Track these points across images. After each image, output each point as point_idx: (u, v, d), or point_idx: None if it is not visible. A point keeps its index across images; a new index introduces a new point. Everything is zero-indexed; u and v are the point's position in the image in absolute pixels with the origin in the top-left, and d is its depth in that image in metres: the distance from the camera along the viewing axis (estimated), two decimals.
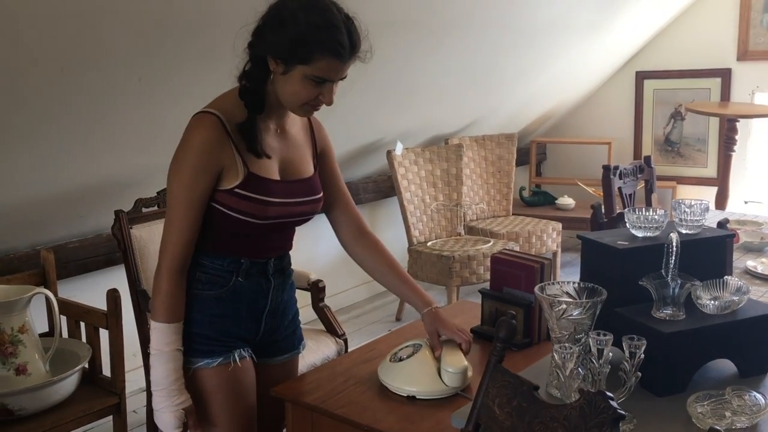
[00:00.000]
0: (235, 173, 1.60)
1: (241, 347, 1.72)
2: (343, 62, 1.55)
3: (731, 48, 5.02)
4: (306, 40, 1.51)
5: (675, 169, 5.39)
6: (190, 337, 1.66)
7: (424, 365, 1.72)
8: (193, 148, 1.57)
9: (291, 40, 1.51)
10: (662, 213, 1.78)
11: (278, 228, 1.71)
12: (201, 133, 1.57)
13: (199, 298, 1.67)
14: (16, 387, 2.05)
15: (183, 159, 1.58)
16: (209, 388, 1.68)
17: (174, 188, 1.59)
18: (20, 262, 2.75)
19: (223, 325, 1.69)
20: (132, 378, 2.81)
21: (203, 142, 1.56)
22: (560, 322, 1.50)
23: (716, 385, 1.54)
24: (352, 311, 4.36)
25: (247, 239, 1.68)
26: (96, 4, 2.05)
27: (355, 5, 1.62)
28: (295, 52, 1.52)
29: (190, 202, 1.58)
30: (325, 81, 1.56)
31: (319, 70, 1.54)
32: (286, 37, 1.52)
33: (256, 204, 1.62)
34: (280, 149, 1.69)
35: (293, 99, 1.59)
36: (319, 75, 1.54)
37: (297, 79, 1.55)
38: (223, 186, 1.60)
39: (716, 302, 1.64)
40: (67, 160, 2.55)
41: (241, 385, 1.72)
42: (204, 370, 1.67)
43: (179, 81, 2.53)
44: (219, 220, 1.63)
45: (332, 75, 1.56)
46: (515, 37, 4.00)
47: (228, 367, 1.69)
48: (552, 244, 4.50)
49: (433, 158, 4.31)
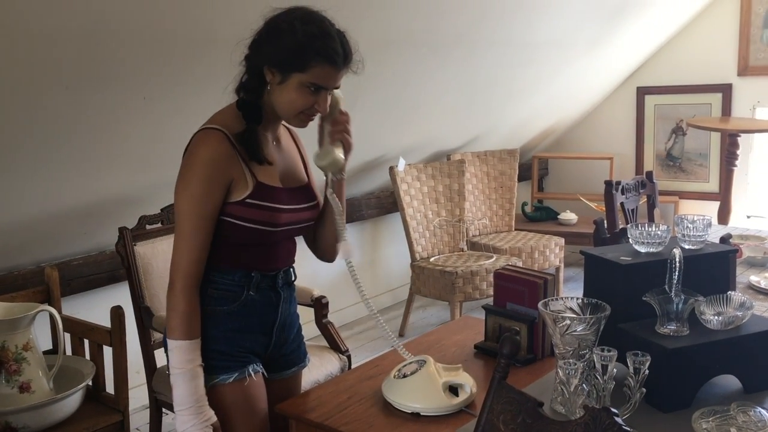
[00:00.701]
0: (245, 184, 1.63)
1: (255, 361, 1.74)
2: (337, 69, 1.60)
3: (732, 63, 5.04)
4: (303, 47, 1.55)
5: (677, 184, 5.39)
6: (206, 353, 1.66)
7: (428, 382, 1.72)
8: (203, 163, 1.58)
9: (288, 49, 1.56)
10: (665, 228, 1.79)
11: (287, 237, 1.75)
12: (209, 148, 1.59)
13: (212, 314, 1.68)
14: (19, 405, 2.05)
15: (192, 174, 1.59)
16: (226, 403, 1.68)
17: (183, 205, 1.59)
18: (24, 279, 2.75)
19: (238, 339, 1.70)
20: (135, 395, 2.80)
21: (212, 157, 1.58)
22: (564, 337, 1.50)
23: (721, 401, 1.54)
24: (355, 327, 4.35)
25: (256, 251, 1.69)
26: (101, 23, 2.07)
27: (358, 23, 1.65)
28: (292, 60, 1.57)
29: (202, 218, 1.59)
30: (320, 89, 1.60)
31: (315, 77, 1.58)
32: (283, 46, 1.57)
33: (269, 212, 1.65)
34: (279, 159, 1.73)
35: (289, 108, 1.62)
36: (315, 82, 1.58)
37: (293, 88, 1.59)
38: (234, 198, 1.62)
39: (720, 317, 1.64)
40: (71, 177, 2.57)
41: (256, 400, 1.72)
42: (221, 387, 1.67)
43: (183, 100, 2.55)
44: (230, 233, 1.64)
45: (327, 82, 1.60)
46: (517, 53, 4.03)
47: (244, 381, 1.69)
48: (555, 259, 4.50)
49: (435, 174, 4.32)
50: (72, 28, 2.02)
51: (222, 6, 1.64)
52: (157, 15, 2.18)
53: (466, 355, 2.06)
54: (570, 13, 3.97)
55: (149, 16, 2.16)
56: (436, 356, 1.92)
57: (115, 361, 2.28)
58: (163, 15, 2.20)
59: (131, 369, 2.37)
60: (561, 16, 3.95)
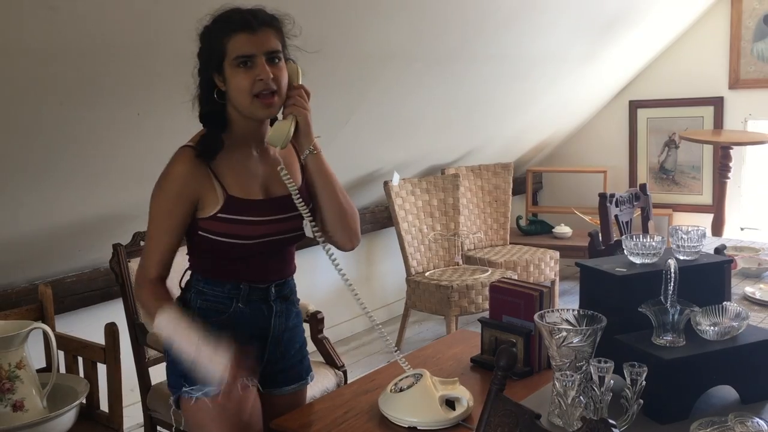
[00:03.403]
0: (215, 199, 1.63)
1: (244, 375, 1.71)
2: (252, 32, 1.57)
3: (723, 77, 5.08)
4: (215, 34, 1.59)
5: (671, 197, 5.41)
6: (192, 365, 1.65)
7: (425, 395, 1.71)
8: (172, 179, 1.63)
9: (208, 46, 1.61)
10: (660, 240, 1.79)
11: (272, 249, 1.72)
12: (178, 166, 1.63)
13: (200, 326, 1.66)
14: (12, 423, 2.03)
15: (162, 188, 1.64)
16: (212, 416, 1.66)
17: (153, 214, 1.66)
18: (18, 296, 2.74)
19: None
20: (130, 413, 2.78)
21: (180, 174, 1.62)
22: (561, 349, 1.49)
23: (718, 412, 1.54)
24: (351, 342, 4.33)
25: (243, 263, 1.69)
26: (95, 40, 2.08)
27: (353, 38, 1.65)
28: (214, 50, 1.59)
29: (163, 229, 1.64)
30: (249, 58, 1.57)
31: (236, 49, 1.57)
32: (205, 46, 1.62)
33: (240, 225, 1.64)
34: (263, 170, 1.71)
35: (241, 96, 1.60)
36: (238, 54, 1.57)
37: (231, 75, 1.59)
38: (204, 214, 1.64)
39: (716, 328, 1.64)
40: (65, 194, 2.56)
41: (245, 414, 1.70)
42: (206, 399, 1.66)
43: (177, 115, 2.54)
44: (210, 248, 1.66)
45: (249, 49, 1.56)
46: (510, 68, 4.05)
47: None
48: (550, 272, 4.50)
49: (430, 188, 4.33)
50: (66, 45, 2.02)
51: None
52: (151, 31, 2.19)
53: (462, 368, 2.05)
54: (563, 27, 4.00)
55: (143, 32, 2.17)
56: (433, 370, 1.91)
57: (110, 379, 2.26)
58: (157, 31, 2.20)
59: (125, 387, 2.35)
60: (554, 31, 3.98)
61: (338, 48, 2.81)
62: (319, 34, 1.67)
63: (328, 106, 3.11)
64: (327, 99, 3.00)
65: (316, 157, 1.70)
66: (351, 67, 3.03)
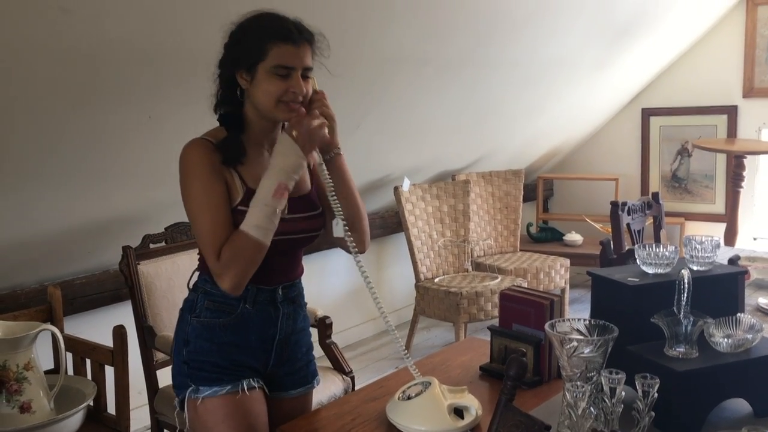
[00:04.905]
0: (236, 190, 1.63)
1: (251, 377, 1.71)
2: (295, 45, 1.60)
3: (737, 85, 5.04)
4: (257, 36, 1.59)
5: (683, 206, 5.38)
6: (199, 365, 1.66)
7: (433, 403, 1.69)
8: (197, 161, 1.61)
9: (246, 44, 1.60)
10: (673, 249, 1.77)
11: (283, 249, 1.71)
12: (198, 149, 1.62)
13: (207, 326, 1.68)
14: (20, 425, 2.03)
15: (191, 173, 1.61)
16: (218, 417, 1.66)
17: (193, 202, 1.61)
18: (27, 298, 2.74)
19: (232, 353, 1.69)
20: (137, 416, 2.78)
21: (203, 154, 1.62)
22: (571, 359, 1.48)
23: (731, 425, 1.52)
24: (359, 348, 4.32)
25: None
26: (107, 42, 2.08)
27: (364, 42, 1.65)
28: (252, 52, 1.59)
29: (215, 206, 1.59)
30: (288, 70, 1.60)
31: (277, 58, 1.59)
32: (240, 44, 1.61)
33: None
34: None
35: (266, 99, 1.61)
36: (278, 63, 1.59)
37: (263, 79, 1.60)
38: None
39: (729, 340, 1.61)
40: (75, 196, 2.56)
41: (251, 416, 1.69)
42: (212, 399, 1.66)
43: (189, 119, 2.54)
44: None
45: (291, 61, 1.60)
46: (522, 74, 4.04)
47: (236, 395, 1.67)
48: (560, 280, 4.47)
49: (440, 194, 4.32)
50: (78, 47, 2.03)
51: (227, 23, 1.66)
52: (162, 34, 2.19)
53: (471, 376, 2.04)
54: (575, 34, 3.98)
55: (154, 34, 2.17)
56: (441, 378, 1.89)
57: (117, 382, 2.25)
58: (169, 35, 2.21)
59: (133, 389, 2.35)
60: (566, 38, 3.96)
61: (349, 53, 2.80)
62: (330, 39, 1.67)
63: (339, 110, 3.07)
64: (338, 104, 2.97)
65: (340, 157, 1.75)
66: (362, 72, 3.02)
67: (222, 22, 1.66)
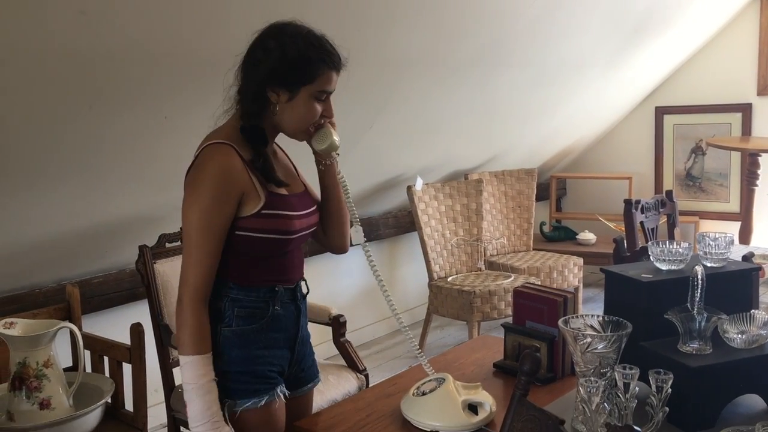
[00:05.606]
0: (257, 197, 1.62)
1: (281, 382, 1.72)
2: (338, 72, 1.64)
3: (751, 83, 5.01)
4: (306, 59, 1.58)
5: (697, 204, 5.35)
6: (235, 377, 1.64)
7: (447, 399, 1.70)
8: (214, 176, 1.56)
9: (292, 65, 1.58)
10: (686, 246, 1.77)
11: (300, 244, 1.75)
12: (221, 161, 1.57)
13: (239, 335, 1.65)
14: (39, 421, 2.06)
15: (202, 187, 1.56)
16: (252, 428, 1.65)
17: (193, 219, 1.57)
18: (46, 297, 2.78)
19: (267, 358, 1.68)
20: (154, 413, 2.80)
21: (224, 171, 1.57)
22: (585, 355, 1.48)
23: (745, 421, 1.52)
24: (373, 347, 4.33)
25: (275, 263, 1.68)
26: (123, 44, 2.11)
27: (377, 43, 1.66)
28: (299, 74, 1.59)
29: (211, 232, 1.56)
30: (327, 95, 1.65)
31: (323, 84, 1.61)
32: (286, 62, 1.58)
33: (284, 220, 1.65)
34: (278, 169, 1.73)
35: (302, 122, 1.64)
36: (323, 89, 1.62)
37: (303, 101, 1.61)
38: (247, 212, 1.61)
39: (743, 336, 1.61)
40: (92, 196, 2.59)
41: (280, 423, 1.71)
42: (250, 412, 1.65)
43: (204, 119, 2.56)
44: (246, 248, 1.63)
45: (332, 86, 1.65)
46: (535, 73, 4.04)
47: (274, 404, 1.68)
48: (573, 279, 4.47)
49: (453, 193, 4.32)
50: (95, 49, 2.05)
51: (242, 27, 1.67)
52: (178, 36, 2.21)
53: (485, 373, 2.05)
54: (589, 33, 3.98)
55: (170, 36, 2.19)
56: (455, 375, 1.90)
57: (135, 379, 2.28)
58: (184, 36, 2.23)
59: (150, 387, 2.37)
60: (580, 36, 3.96)
61: (361, 53, 2.81)
62: (341, 40, 1.68)
63: (352, 111, 3.12)
64: (350, 104, 3.01)
65: (334, 163, 1.79)
66: (373, 73, 3.04)
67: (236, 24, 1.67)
